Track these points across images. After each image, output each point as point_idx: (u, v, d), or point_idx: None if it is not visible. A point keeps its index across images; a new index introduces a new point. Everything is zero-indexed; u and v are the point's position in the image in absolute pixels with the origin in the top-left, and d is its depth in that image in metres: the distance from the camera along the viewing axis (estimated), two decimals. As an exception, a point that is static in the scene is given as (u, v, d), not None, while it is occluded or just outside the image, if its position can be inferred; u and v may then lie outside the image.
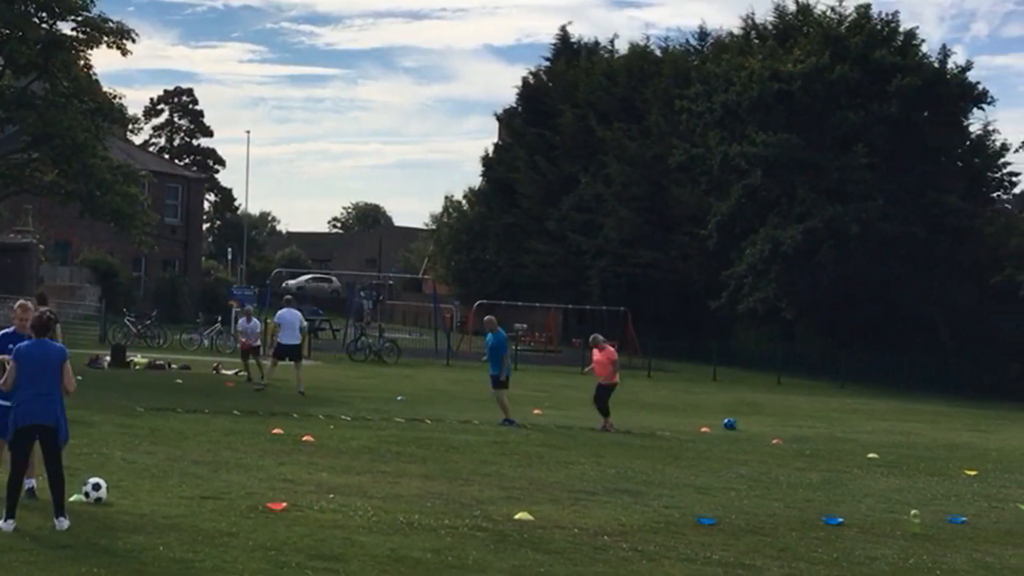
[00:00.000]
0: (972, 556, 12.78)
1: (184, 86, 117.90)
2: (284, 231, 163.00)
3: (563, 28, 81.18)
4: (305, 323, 32.97)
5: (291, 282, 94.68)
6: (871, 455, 22.37)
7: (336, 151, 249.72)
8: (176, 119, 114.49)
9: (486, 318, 27.16)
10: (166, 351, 42.66)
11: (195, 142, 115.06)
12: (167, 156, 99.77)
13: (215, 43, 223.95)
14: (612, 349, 25.88)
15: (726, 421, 27.16)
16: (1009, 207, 57.30)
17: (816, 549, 12.57)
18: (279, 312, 31.33)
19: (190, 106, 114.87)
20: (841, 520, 14.34)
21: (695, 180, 60.01)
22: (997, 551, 13.19)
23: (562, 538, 12.31)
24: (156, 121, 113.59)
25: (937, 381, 50.23)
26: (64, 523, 11.38)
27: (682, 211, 61.30)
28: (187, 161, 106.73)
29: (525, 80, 78.62)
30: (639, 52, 72.48)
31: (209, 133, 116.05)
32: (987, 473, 20.60)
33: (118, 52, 40.08)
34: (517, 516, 13.22)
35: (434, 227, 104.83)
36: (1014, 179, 58.82)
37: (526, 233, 71.59)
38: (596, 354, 25.66)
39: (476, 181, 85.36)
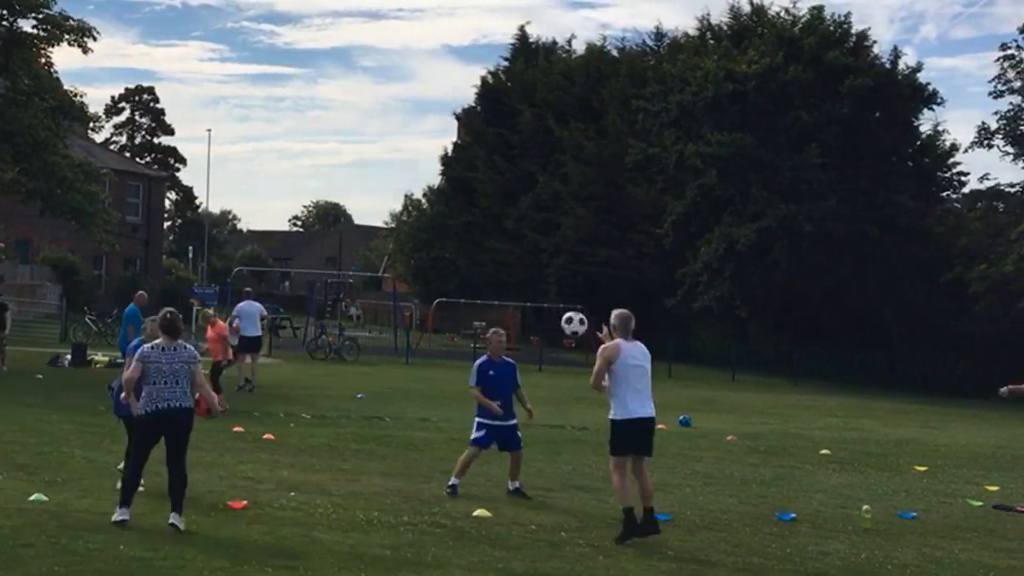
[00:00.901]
0: (922, 550, 12.88)
1: (145, 84, 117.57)
2: (245, 229, 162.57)
3: (521, 28, 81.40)
4: (266, 312, 32.68)
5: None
6: (823, 451, 22.48)
7: (294, 150, 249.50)
8: (137, 117, 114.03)
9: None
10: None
11: (156, 140, 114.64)
12: (128, 154, 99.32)
13: (175, 42, 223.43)
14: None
15: (681, 418, 27.22)
16: (958, 206, 57.66)
17: (769, 544, 12.64)
18: (239, 305, 31.07)
19: (151, 104, 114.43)
20: (794, 516, 14.42)
21: (651, 179, 60.14)
22: (946, 545, 13.29)
23: (520, 534, 12.33)
24: (117, 119, 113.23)
25: (888, 378, 50.54)
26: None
27: (638, 210, 61.42)
28: (148, 159, 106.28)
29: (484, 80, 78.70)
30: (596, 52, 72.64)
31: (170, 131, 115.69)
32: (937, 469, 20.74)
33: (79, 50, 39.77)
34: (475, 513, 13.24)
35: (394, 225, 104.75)
36: (963, 179, 59.21)
37: (485, 232, 71.62)
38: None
39: (435, 180, 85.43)
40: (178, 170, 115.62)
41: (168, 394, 11.88)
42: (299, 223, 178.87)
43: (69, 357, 35.23)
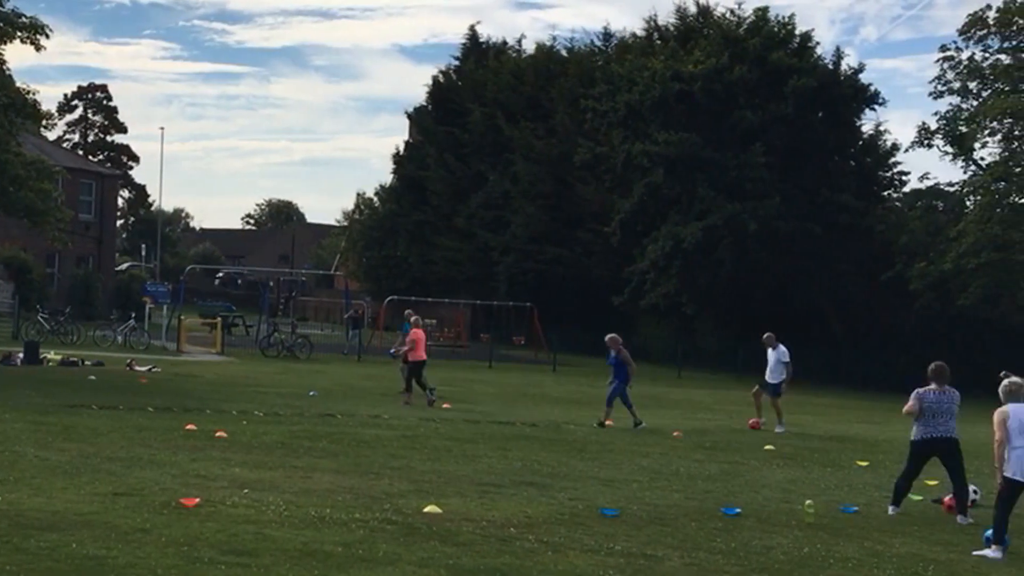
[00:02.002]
0: (863, 544, 12.98)
1: (97, 83, 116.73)
2: (198, 228, 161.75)
3: (472, 28, 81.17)
4: None
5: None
6: (768, 447, 22.62)
7: (246, 148, 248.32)
8: (90, 115, 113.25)
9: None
10: (80, 348, 42.04)
11: (109, 138, 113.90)
12: (81, 152, 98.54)
13: (127, 40, 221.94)
14: None
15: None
16: (899, 205, 58.11)
17: (715, 539, 12.69)
18: None
19: (104, 102, 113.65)
20: (739, 510, 14.49)
21: (599, 178, 60.23)
22: (887, 539, 13.41)
23: (470, 530, 12.33)
24: (70, 117, 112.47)
25: (831, 374, 50.83)
26: None
27: (587, 208, 61.53)
28: (101, 157, 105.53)
29: (435, 79, 78.54)
30: (545, 52, 72.68)
31: (123, 129, 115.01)
32: (878, 463, 20.91)
33: (31, 47, 39.37)
34: (426, 509, 13.23)
35: (346, 224, 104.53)
36: (904, 178, 59.79)
37: (436, 230, 71.57)
38: None
39: (387, 178, 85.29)
40: (131, 168, 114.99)
41: None
42: (252, 221, 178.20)
43: (21, 355, 34.92)
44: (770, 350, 27.45)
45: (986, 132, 52.23)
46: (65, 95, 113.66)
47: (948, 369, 15.76)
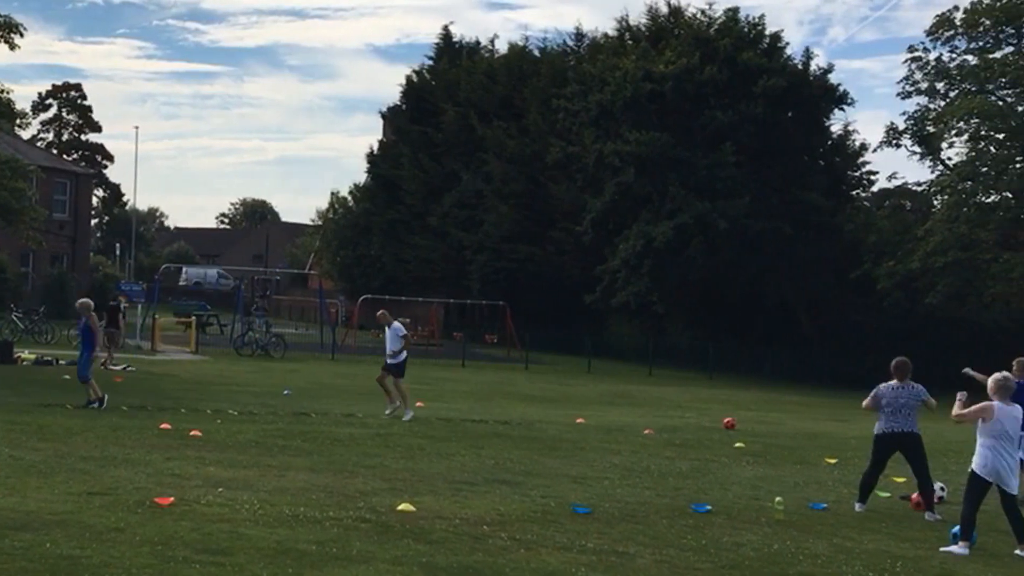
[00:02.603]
0: (832, 541, 13.02)
1: (72, 82, 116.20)
2: (172, 227, 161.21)
3: (445, 28, 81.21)
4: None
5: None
6: (738, 444, 22.66)
7: (219, 147, 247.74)
8: (64, 114, 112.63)
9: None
10: (54, 347, 41.83)
11: (83, 137, 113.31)
12: (55, 151, 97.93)
13: (102, 39, 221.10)
14: None
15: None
16: (868, 205, 58.37)
17: (686, 536, 12.71)
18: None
19: (78, 101, 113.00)
20: (709, 507, 14.52)
21: (571, 177, 60.30)
22: (856, 536, 13.46)
23: (443, 528, 12.32)
24: (44, 116, 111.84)
25: (800, 372, 51.04)
26: None
27: (559, 207, 61.58)
28: (75, 156, 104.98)
29: (409, 78, 78.49)
30: (518, 52, 72.69)
31: (97, 128, 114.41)
32: (847, 461, 20.97)
33: (5, 46, 39.19)
34: (400, 507, 13.20)
35: (320, 223, 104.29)
36: (872, 178, 60.16)
37: (409, 229, 71.48)
38: None
39: (361, 177, 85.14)
40: (105, 167, 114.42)
41: None
42: (226, 220, 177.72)
43: (-5, 354, 34.71)
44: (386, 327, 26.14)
45: (953, 132, 52.52)
46: (39, 94, 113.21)
47: (910, 364, 15.83)
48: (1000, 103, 51.12)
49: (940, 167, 54.12)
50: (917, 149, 54.69)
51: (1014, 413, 13.20)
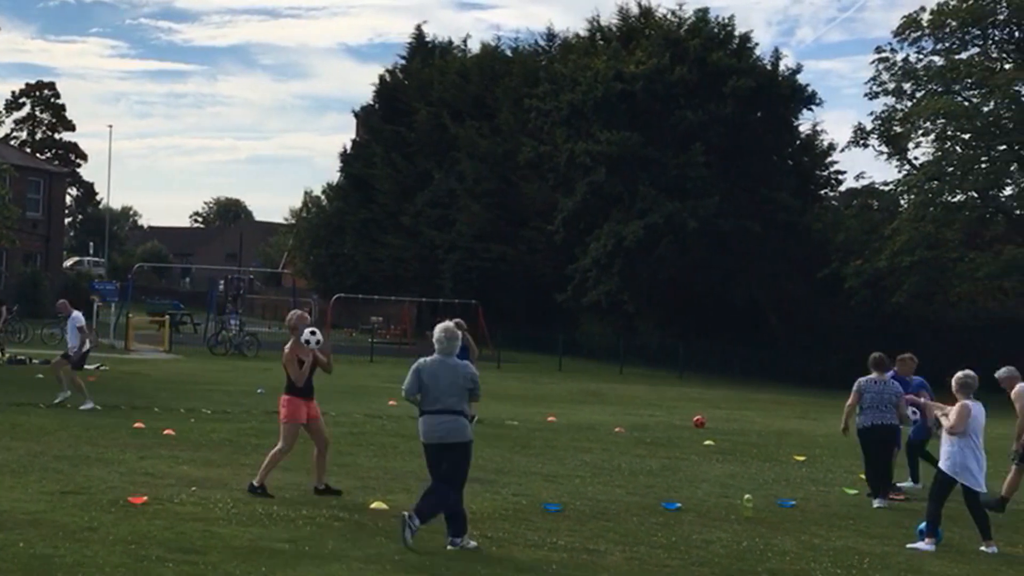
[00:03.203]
0: (800, 538, 13.09)
1: (45, 80, 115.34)
2: (146, 226, 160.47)
3: (418, 28, 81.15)
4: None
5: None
6: (707, 442, 22.73)
7: (190, 146, 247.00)
8: (38, 113, 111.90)
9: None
10: (27, 346, 41.66)
11: (57, 136, 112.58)
12: (29, 150, 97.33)
13: (75, 38, 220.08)
14: None
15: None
16: (836, 204, 58.55)
17: (656, 533, 12.76)
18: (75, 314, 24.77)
19: (52, 100, 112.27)
20: (679, 505, 14.57)
21: (543, 176, 60.31)
22: (823, 533, 13.53)
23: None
24: (18, 115, 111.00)
25: (769, 370, 51.15)
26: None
27: (530, 207, 61.59)
28: (49, 155, 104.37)
29: (382, 78, 78.41)
30: (490, 52, 72.70)
31: (71, 127, 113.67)
32: (815, 458, 21.08)
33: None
34: (373, 506, 13.22)
35: (294, 222, 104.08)
36: (840, 177, 60.31)
37: (382, 228, 71.39)
38: None
39: (333, 176, 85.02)
40: (79, 166, 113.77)
41: None
42: (200, 219, 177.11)
43: (-32, 354, 34.56)
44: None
45: (920, 132, 52.72)
46: (12, 92, 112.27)
47: (887, 359, 16.06)
48: (966, 103, 51.34)
49: (907, 167, 54.32)
50: (884, 149, 54.85)
51: (981, 409, 13.33)
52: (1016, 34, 52.27)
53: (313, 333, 13.94)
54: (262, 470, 13.93)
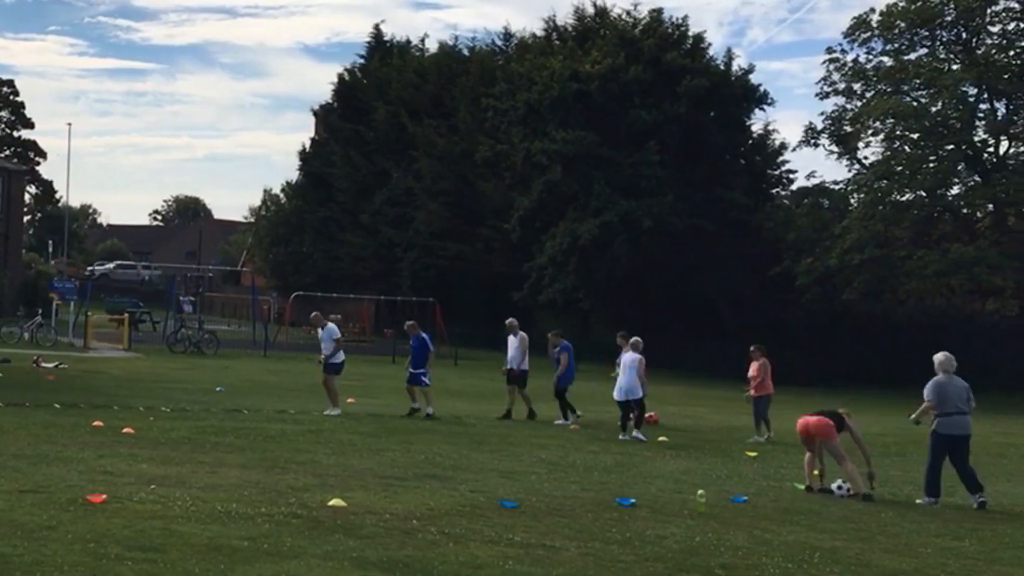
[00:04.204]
0: (752, 533, 13.13)
1: (4, 78, 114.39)
2: (105, 224, 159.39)
3: (376, 27, 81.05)
4: None
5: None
6: (661, 438, 22.81)
7: (148, 144, 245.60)
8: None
9: None
10: (-13, 343, 41.38)
11: (16, 134, 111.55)
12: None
13: (33, 35, 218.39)
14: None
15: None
16: (787, 203, 58.82)
17: (610, 529, 12.78)
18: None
19: (11, 97, 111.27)
20: (633, 501, 14.59)
21: (500, 175, 60.35)
22: (775, 528, 13.58)
23: (373, 523, 12.31)
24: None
25: (721, 367, 51.27)
26: None
27: (488, 205, 61.60)
28: (7, 153, 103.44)
29: (341, 77, 78.28)
30: (448, 52, 72.69)
31: (30, 125, 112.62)
32: (766, 455, 21.18)
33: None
34: (331, 503, 13.17)
35: (253, 220, 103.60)
36: (791, 176, 60.64)
37: (341, 226, 71.24)
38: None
39: (292, 175, 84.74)
40: (38, 164, 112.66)
41: None
42: (159, 217, 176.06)
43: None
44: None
45: (869, 132, 53.06)
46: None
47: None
48: (915, 104, 51.71)
49: (857, 166, 54.67)
50: (835, 148, 55.21)
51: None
52: (963, 35, 52.70)
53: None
54: None
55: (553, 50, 61.17)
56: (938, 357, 16.13)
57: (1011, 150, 52.06)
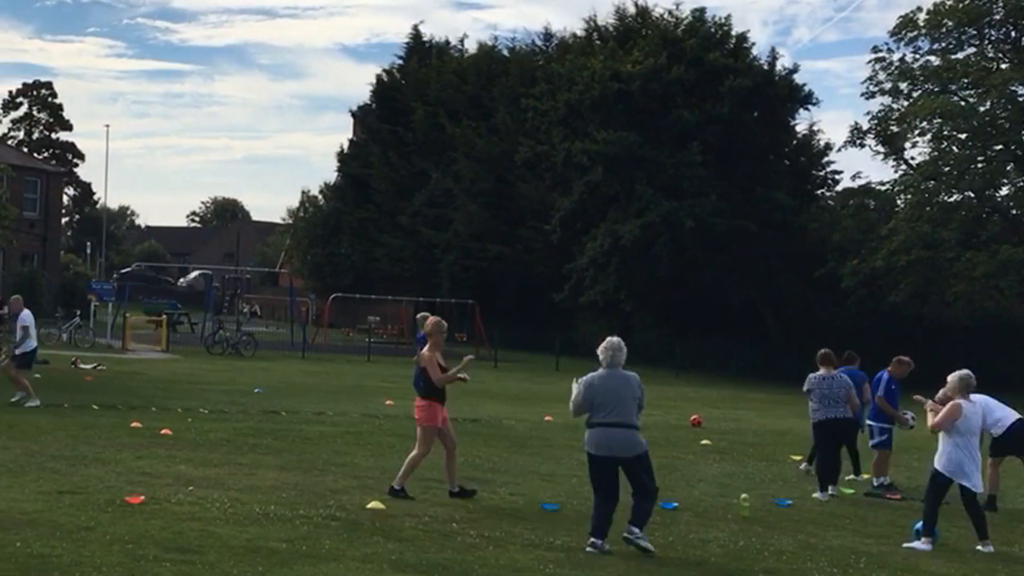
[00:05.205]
0: (797, 537, 13.09)
1: (43, 80, 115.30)
2: (143, 225, 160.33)
3: (415, 28, 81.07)
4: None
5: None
6: (704, 441, 22.73)
7: (187, 146, 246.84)
8: (35, 113, 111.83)
9: None
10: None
11: (54, 136, 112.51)
12: (26, 150, 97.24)
13: (72, 37, 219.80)
14: None
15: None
16: (832, 204, 58.51)
17: (653, 533, 12.73)
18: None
19: (49, 100, 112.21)
20: (676, 504, 14.57)
21: (540, 176, 60.29)
22: (820, 532, 13.53)
23: (412, 526, 12.34)
24: (15, 115, 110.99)
25: (765, 369, 51.13)
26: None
27: (527, 206, 61.56)
28: (46, 155, 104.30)
29: (379, 78, 78.30)
30: (487, 52, 72.67)
31: (68, 127, 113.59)
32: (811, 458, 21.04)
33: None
34: (370, 505, 13.21)
35: (291, 221, 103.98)
36: (836, 177, 60.34)
37: (379, 228, 71.33)
38: None
39: (330, 176, 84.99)
40: (76, 166, 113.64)
41: None
42: (197, 219, 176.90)
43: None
44: None
45: (916, 132, 52.68)
46: (10, 92, 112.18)
47: (833, 354, 16.90)
48: (962, 103, 51.33)
49: (903, 167, 54.29)
50: (881, 149, 54.82)
51: (976, 409, 13.33)
52: (1012, 34, 52.28)
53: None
54: (400, 475, 14.20)
55: (594, 50, 61.05)
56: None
57: (1061, 150, 51.62)
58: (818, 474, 16.44)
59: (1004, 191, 51.84)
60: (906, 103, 53.03)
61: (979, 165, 50.55)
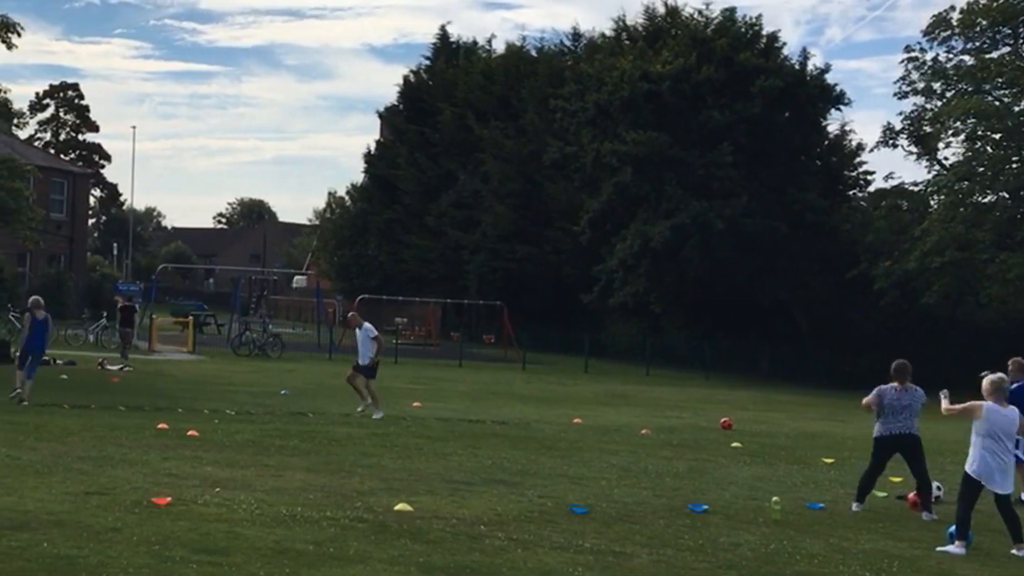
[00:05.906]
0: (829, 541, 13.02)
1: (69, 81, 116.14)
2: (170, 227, 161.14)
3: (443, 28, 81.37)
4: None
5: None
6: (735, 444, 22.66)
7: (215, 147, 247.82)
8: (62, 114, 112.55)
9: None
10: (51, 347, 41.64)
11: (81, 137, 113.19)
12: (53, 151, 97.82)
13: (99, 39, 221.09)
14: None
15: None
16: (864, 204, 58.30)
17: (683, 536, 12.71)
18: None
19: (76, 101, 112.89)
20: (706, 507, 14.51)
21: (568, 177, 60.30)
22: (852, 536, 13.45)
23: (440, 528, 12.32)
24: (41, 116, 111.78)
25: (796, 372, 51.01)
26: None
27: (556, 207, 61.56)
28: (73, 156, 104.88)
29: (406, 78, 78.56)
30: (515, 52, 72.75)
31: (95, 128, 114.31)
32: (843, 461, 20.97)
33: (2, 46, 39.12)
34: (397, 507, 13.19)
35: (318, 223, 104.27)
36: (869, 178, 60.09)
37: (406, 229, 71.49)
38: None
39: (357, 177, 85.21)
40: (103, 167, 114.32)
41: None
42: (224, 220, 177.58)
43: (-7, 354, 34.63)
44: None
45: (950, 132, 52.43)
46: (37, 94, 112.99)
47: (910, 367, 15.83)
48: (997, 103, 51.08)
49: (937, 167, 54.06)
50: (914, 149, 54.62)
51: (1008, 415, 13.21)
52: (1047, 33, 52.00)
53: None
54: None
55: (623, 50, 61.00)
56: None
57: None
58: (860, 485, 16.07)
59: (1039, 192, 51.54)
60: (939, 103, 52.79)
61: (1014, 166, 50.26)
